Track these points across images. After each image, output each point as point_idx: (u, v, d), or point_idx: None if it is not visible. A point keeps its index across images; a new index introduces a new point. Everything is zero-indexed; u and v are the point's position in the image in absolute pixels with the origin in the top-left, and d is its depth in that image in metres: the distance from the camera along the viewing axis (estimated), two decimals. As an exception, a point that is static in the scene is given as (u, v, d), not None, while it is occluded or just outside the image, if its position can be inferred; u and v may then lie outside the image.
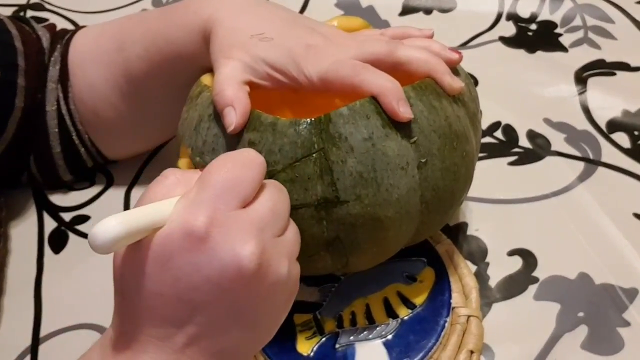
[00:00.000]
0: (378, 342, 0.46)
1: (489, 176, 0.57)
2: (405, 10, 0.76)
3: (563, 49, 0.70)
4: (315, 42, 0.42)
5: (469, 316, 0.46)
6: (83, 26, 0.59)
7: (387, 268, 0.49)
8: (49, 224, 0.57)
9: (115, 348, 0.33)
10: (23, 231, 0.57)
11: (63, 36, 0.56)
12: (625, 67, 0.67)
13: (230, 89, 0.40)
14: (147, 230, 0.32)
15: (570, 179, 0.57)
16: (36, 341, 0.49)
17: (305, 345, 0.46)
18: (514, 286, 0.50)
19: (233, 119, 0.39)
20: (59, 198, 0.59)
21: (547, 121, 0.62)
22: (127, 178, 0.60)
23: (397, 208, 0.39)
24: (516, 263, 0.51)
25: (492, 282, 0.50)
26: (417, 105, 0.39)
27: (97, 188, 0.60)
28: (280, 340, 0.37)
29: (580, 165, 0.58)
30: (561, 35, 0.71)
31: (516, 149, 0.60)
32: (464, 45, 0.71)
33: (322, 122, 0.38)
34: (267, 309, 0.35)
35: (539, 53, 0.70)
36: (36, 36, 0.55)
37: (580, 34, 0.71)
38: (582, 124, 0.62)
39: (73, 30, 0.57)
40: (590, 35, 0.71)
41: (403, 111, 0.38)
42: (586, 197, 0.55)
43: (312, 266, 0.41)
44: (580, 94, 0.65)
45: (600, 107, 0.63)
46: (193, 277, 0.31)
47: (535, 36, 0.72)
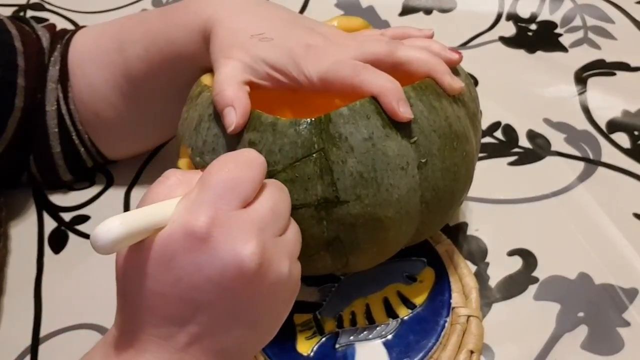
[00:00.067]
0: (378, 342, 0.46)
1: (489, 176, 0.57)
2: (405, 10, 0.76)
3: (563, 49, 0.70)
4: (315, 42, 0.42)
5: (469, 316, 0.46)
6: (83, 26, 0.59)
7: (387, 268, 0.49)
8: (49, 224, 0.57)
9: (118, 347, 0.33)
10: (23, 231, 0.57)
11: (63, 36, 0.56)
12: (625, 67, 0.67)
13: (231, 89, 0.40)
14: (149, 231, 0.32)
15: (570, 179, 0.57)
16: (36, 341, 0.49)
17: (305, 345, 0.46)
18: (514, 286, 0.50)
19: (233, 119, 0.39)
20: (59, 198, 0.59)
21: (547, 121, 0.62)
22: (127, 178, 0.60)
23: (397, 208, 0.39)
24: (516, 263, 0.51)
25: (492, 282, 0.50)
26: (417, 106, 0.39)
27: (97, 188, 0.60)
28: (280, 340, 0.37)
29: (580, 165, 0.58)
30: (561, 35, 0.71)
31: (516, 149, 0.60)
32: (464, 45, 0.71)
33: (322, 122, 0.38)
34: (269, 308, 0.35)
35: (539, 53, 0.70)
36: (36, 36, 0.55)
37: (580, 34, 0.71)
38: (582, 124, 0.62)
39: (73, 30, 0.57)
40: (590, 35, 0.71)
41: (403, 111, 0.38)
42: (586, 197, 0.55)
43: (312, 266, 0.41)
44: (580, 94, 0.65)
45: (600, 107, 0.63)
46: (195, 276, 0.32)
47: (535, 36, 0.72)
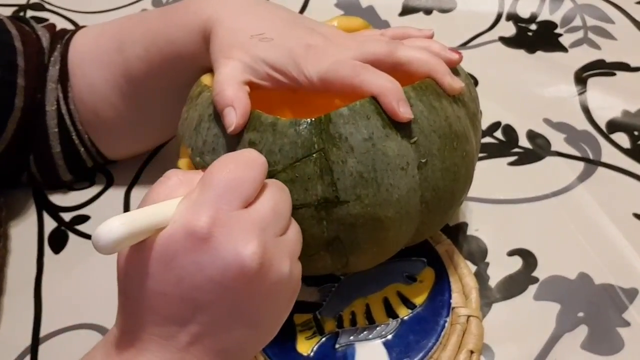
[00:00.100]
0: (378, 342, 0.46)
1: (489, 176, 0.57)
2: (405, 11, 0.76)
3: (563, 49, 0.70)
4: (315, 43, 0.42)
5: (469, 316, 0.46)
6: (83, 26, 0.59)
7: (387, 268, 0.49)
8: (49, 224, 0.57)
9: (119, 347, 0.33)
10: (23, 231, 0.57)
11: (63, 36, 0.56)
12: (625, 67, 0.67)
13: (230, 89, 0.40)
14: (150, 231, 0.32)
15: (570, 179, 0.57)
16: (36, 341, 0.49)
17: (305, 345, 0.46)
18: (514, 286, 0.50)
19: (233, 119, 0.39)
20: (59, 198, 0.59)
21: (547, 121, 0.62)
22: (127, 178, 0.60)
23: (397, 208, 0.39)
24: (516, 263, 0.51)
25: (492, 282, 0.50)
26: (417, 106, 0.39)
27: (97, 188, 0.60)
28: (280, 340, 0.37)
29: (580, 166, 0.58)
30: (561, 35, 0.71)
31: (516, 149, 0.60)
32: (464, 45, 0.71)
33: (322, 122, 0.38)
34: (270, 308, 0.35)
35: (539, 53, 0.70)
36: (36, 36, 0.55)
37: (580, 34, 0.71)
38: (582, 124, 0.62)
39: (73, 30, 0.57)
40: (590, 35, 0.71)
41: (403, 111, 0.38)
42: (586, 197, 0.55)
43: (312, 266, 0.41)
44: (580, 94, 0.65)
45: (600, 107, 0.63)
46: (196, 276, 0.32)
47: (535, 36, 0.72)
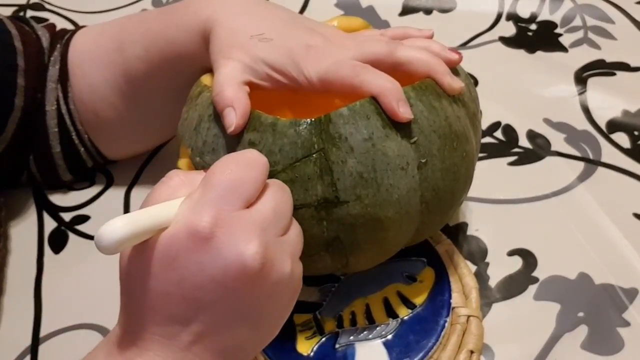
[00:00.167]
0: (378, 342, 0.46)
1: (489, 176, 0.57)
2: (405, 10, 0.76)
3: (563, 49, 0.70)
4: (315, 43, 0.42)
5: (469, 316, 0.46)
6: (83, 26, 0.59)
7: (387, 268, 0.49)
8: (49, 224, 0.57)
9: (121, 346, 0.33)
10: (23, 231, 0.57)
11: (63, 36, 0.56)
12: (625, 67, 0.67)
13: (230, 89, 0.40)
14: (153, 231, 0.32)
15: (570, 179, 0.57)
16: (36, 341, 0.49)
17: (305, 345, 0.46)
18: (514, 286, 0.50)
19: (233, 119, 0.39)
20: (59, 198, 0.59)
21: (547, 121, 0.62)
22: (127, 178, 0.60)
23: (397, 208, 0.39)
24: (516, 263, 0.51)
25: (492, 282, 0.50)
26: (417, 106, 0.39)
27: (97, 188, 0.60)
28: (280, 340, 0.37)
29: (580, 165, 0.58)
30: (561, 35, 0.71)
31: (516, 149, 0.60)
32: (464, 45, 0.71)
33: (322, 123, 0.38)
34: (271, 307, 0.35)
35: (539, 53, 0.70)
36: (36, 36, 0.55)
37: (580, 34, 0.71)
38: (582, 124, 0.62)
39: (73, 30, 0.57)
40: (590, 35, 0.71)
41: (403, 111, 0.38)
42: (586, 197, 0.55)
43: (312, 266, 0.41)
44: (580, 94, 0.65)
45: (600, 107, 0.63)
46: (198, 276, 0.32)
47: (535, 36, 0.72)
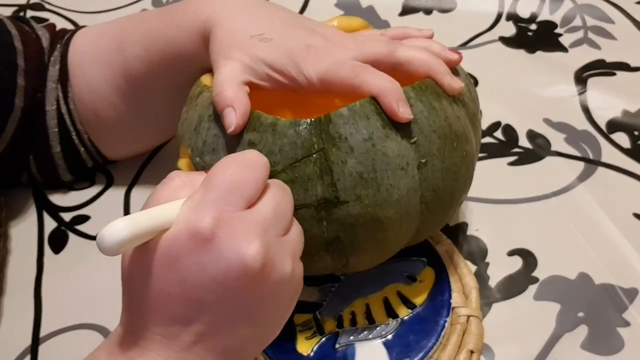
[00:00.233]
0: (378, 342, 0.46)
1: (489, 176, 0.57)
2: (405, 11, 0.76)
3: (563, 49, 0.70)
4: (315, 43, 0.42)
5: (469, 316, 0.46)
6: (83, 26, 0.59)
7: (387, 268, 0.49)
8: (49, 224, 0.57)
9: (123, 346, 0.33)
10: (23, 231, 0.57)
11: (63, 36, 0.56)
12: (625, 67, 0.67)
13: (230, 89, 0.40)
14: (154, 232, 0.32)
15: (570, 179, 0.57)
16: (36, 341, 0.49)
17: (305, 345, 0.46)
18: (514, 286, 0.50)
19: (233, 119, 0.39)
20: (59, 198, 0.59)
21: (547, 121, 0.62)
22: (127, 178, 0.60)
23: (397, 208, 0.39)
24: (516, 263, 0.51)
25: (492, 282, 0.50)
26: (417, 106, 0.39)
27: (97, 188, 0.60)
28: (280, 340, 0.37)
29: (580, 165, 0.58)
30: (561, 35, 0.71)
31: (516, 149, 0.60)
32: (464, 45, 0.71)
33: (322, 123, 0.38)
34: (272, 308, 0.35)
35: (539, 53, 0.70)
36: (36, 36, 0.55)
37: (580, 34, 0.71)
38: (582, 124, 0.62)
39: (73, 30, 0.57)
40: (590, 35, 0.71)
41: (403, 112, 0.38)
42: (586, 197, 0.55)
43: (312, 266, 0.41)
44: (580, 94, 0.65)
45: (600, 107, 0.63)
46: (199, 277, 0.32)
47: (535, 36, 0.72)
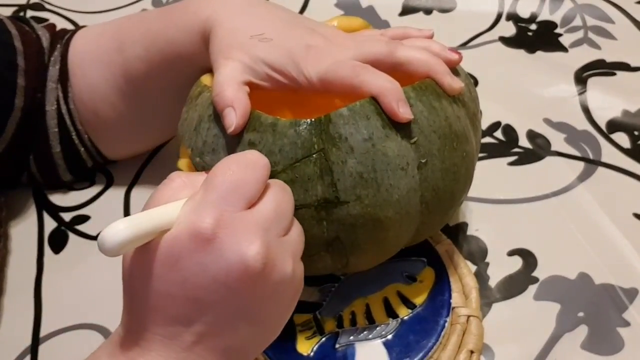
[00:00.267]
0: (378, 342, 0.46)
1: (489, 176, 0.57)
2: (405, 10, 0.76)
3: (563, 49, 0.70)
4: (315, 43, 0.42)
5: (469, 316, 0.46)
6: (83, 26, 0.59)
7: (387, 268, 0.49)
8: (49, 224, 0.57)
9: (124, 346, 0.33)
10: (23, 231, 0.57)
11: (63, 36, 0.56)
12: (625, 67, 0.67)
13: (230, 89, 0.40)
14: (155, 233, 0.32)
15: (570, 179, 0.57)
16: (36, 341, 0.49)
17: (305, 345, 0.46)
18: (514, 286, 0.50)
19: (233, 119, 0.39)
20: (59, 198, 0.59)
21: (547, 121, 0.62)
22: (127, 178, 0.60)
23: (397, 208, 0.39)
24: (516, 263, 0.51)
25: (492, 282, 0.50)
26: (417, 106, 0.39)
27: (97, 188, 0.60)
28: (280, 340, 0.37)
29: (580, 165, 0.58)
30: (561, 35, 0.71)
31: (516, 149, 0.60)
32: (464, 45, 0.71)
33: (322, 123, 0.38)
34: (273, 307, 0.35)
35: (539, 53, 0.70)
36: (36, 36, 0.55)
37: (580, 34, 0.71)
38: (582, 124, 0.62)
39: (73, 30, 0.57)
40: (590, 35, 0.71)
41: (403, 112, 0.38)
42: (586, 197, 0.55)
43: (312, 266, 0.41)
44: (580, 94, 0.65)
45: (600, 107, 0.63)
46: (200, 277, 0.32)
47: (535, 36, 0.72)
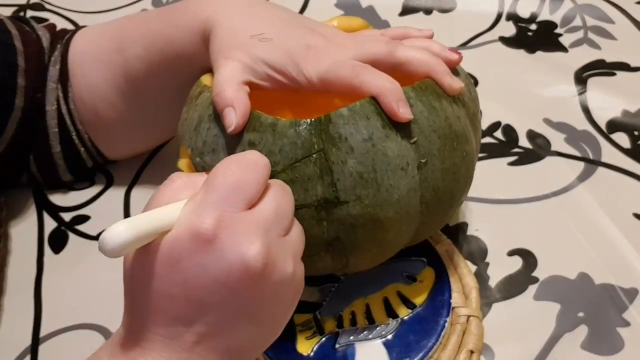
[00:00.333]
0: (378, 342, 0.46)
1: (489, 176, 0.57)
2: (405, 10, 0.76)
3: (563, 49, 0.70)
4: (315, 43, 0.42)
5: (469, 316, 0.46)
6: (83, 26, 0.59)
7: (387, 268, 0.49)
8: (49, 224, 0.57)
9: (125, 346, 0.33)
10: (23, 231, 0.57)
11: (63, 36, 0.56)
12: (625, 67, 0.67)
13: (230, 89, 0.40)
14: (156, 234, 0.32)
15: (570, 179, 0.57)
16: (36, 341, 0.49)
17: (305, 345, 0.46)
18: (514, 286, 0.50)
19: (233, 119, 0.39)
20: (59, 198, 0.59)
21: (547, 121, 0.62)
22: (127, 178, 0.60)
23: (397, 208, 0.39)
24: (516, 263, 0.51)
25: (492, 282, 0.50)
26: (417, 106, 0.39)
27: (97, 188, 0.60)
28: (280, 340, 0.37)
29: (580, 165, 0.58)
30: (561, 35, 0.71)
31: (516, 149, 0.60)
32: (464, 45, 0.71)
33: (322, 123, 0.38)
34: (273, 308, 0.35)
35: (539, 53, 0.70)
36: (36, 36, 0.55)
37: (580, 34, 0.71)
38: (582, 124, 0.62)
39: (73, 30, 0.57)
40: (590, 35, 0.71)
41: (403, 112, 0.38)
42: (586, 197, 0.55)
43: (312, 266, 0.41)
44: (580, 94, 0.65)
45: (600, 107, 0.63)
46: (201, 277, 0.32)
47: (535, 36, 0.72)
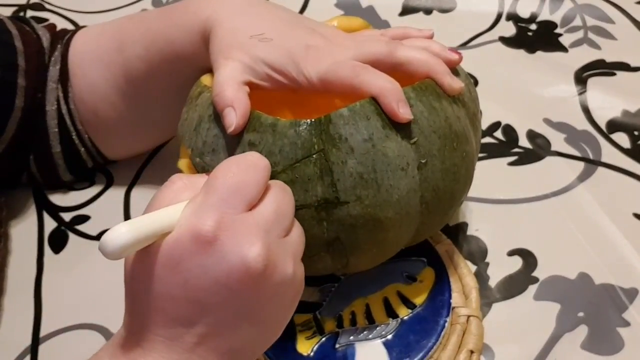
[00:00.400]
0: (378, 342, 0.46)
1: (489, 176, 0.57)
2: (405, 10, 0.76)
3: (563, 49, 0.70)
4: (315, 43, 0.42)
5: (469, 316, 0.46)
6: (83, 26, 0.59)
7: (387, 268, 0.49)
8: (49, 224, 0.57)
9: (126, 347, 0.34)
10: (23, 231, 0.57)
11: (63, 36, 0.56)
12: (625, 67, 0.67)
13: (230, 89, 0.40)
14: (156, 236, 0.32)
15: (570, 179, 0.57)
16: (36, 341, 0.49)
17: (305, 345, 0.46)
18: (514, 286, 0.50)
19: (233, 119, 0.39)
20: (59, 198, 0.59)
21: (547, 121, 0.62)
22: (127, 178, 0.60)
23: (397, 209, 0.39)
24: (516, 263, 0.51)
25: (492, 282, 0.50)
26: (417, 106, 0.39)
27: (97, 188, 0.60)
28: (280, 341, 0.37)
29: (580, 165, 0.58)
30: (561, 35, 0.71)
31: (516, 149, 0.60)
32: (464, 45, 0.71)
33: (322, 123, 0.38)
34: (274, 308, 0.35)
35: (539, 53, 0.70)
36: (36, 36, 0.55)
37: (580, 34, 0.71)
38: (582, 124, 0.62)
39: (73, 30, 0.57)
40: (590, 35, 0.71)
41: (403, 112, 0.38)
42: (586, 197, 0.55)
43: (312, 266, 0.41)
44: (580, 94, 0.65)
45: (600, 107, 0.63)
46: (202, 279, 0.32)
47: (535, 36, 0.72)
